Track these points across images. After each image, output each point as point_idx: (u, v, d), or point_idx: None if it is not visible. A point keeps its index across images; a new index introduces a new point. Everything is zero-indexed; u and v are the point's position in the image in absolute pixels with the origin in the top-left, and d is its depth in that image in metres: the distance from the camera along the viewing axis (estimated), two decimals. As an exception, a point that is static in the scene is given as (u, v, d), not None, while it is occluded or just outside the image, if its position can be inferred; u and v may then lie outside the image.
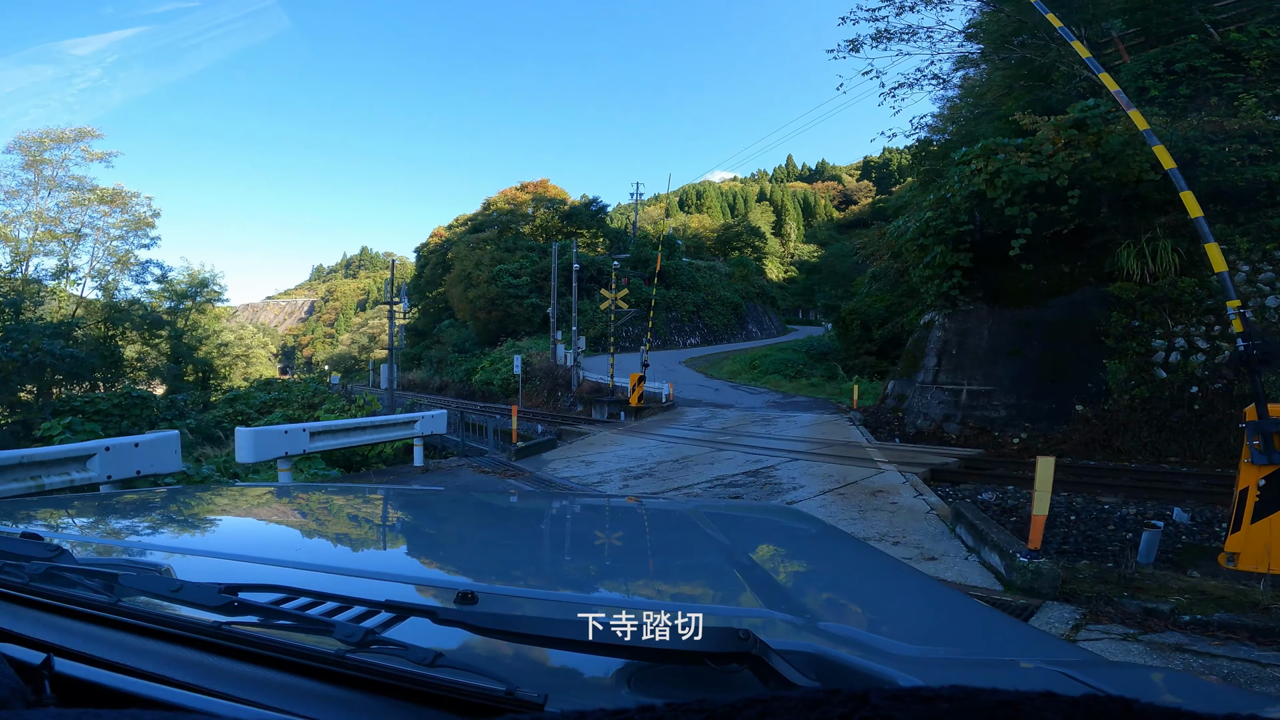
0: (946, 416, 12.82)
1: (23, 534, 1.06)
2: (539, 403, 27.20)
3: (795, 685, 0.61)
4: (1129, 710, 0.35)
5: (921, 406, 13.44)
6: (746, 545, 1.48)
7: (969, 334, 13.42)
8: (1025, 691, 0.37)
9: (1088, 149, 11.71)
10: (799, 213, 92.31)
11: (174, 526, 1.54)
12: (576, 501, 2.85)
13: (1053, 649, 1.12)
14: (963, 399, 12.79)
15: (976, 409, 12.52)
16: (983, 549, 4.64)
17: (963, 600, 1.25)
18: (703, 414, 16.19)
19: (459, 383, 40.84)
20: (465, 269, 47.46)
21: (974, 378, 12.85)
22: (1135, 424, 10.75)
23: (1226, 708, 0.43)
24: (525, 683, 0.61)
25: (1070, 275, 12.65)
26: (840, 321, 31.43)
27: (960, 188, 13.01)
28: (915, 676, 0.68)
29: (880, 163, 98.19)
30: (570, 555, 1.51)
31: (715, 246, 68.51)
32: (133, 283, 37.25)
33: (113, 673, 0.69)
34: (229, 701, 0.65)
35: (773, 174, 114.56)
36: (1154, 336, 11.31)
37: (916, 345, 15.10)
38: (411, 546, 1.55)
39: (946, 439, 12.39)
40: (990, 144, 13.00)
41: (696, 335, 47.18)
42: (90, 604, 0.80)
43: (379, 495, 2.18)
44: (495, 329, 44.41)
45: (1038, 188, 12.12)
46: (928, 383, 13.63)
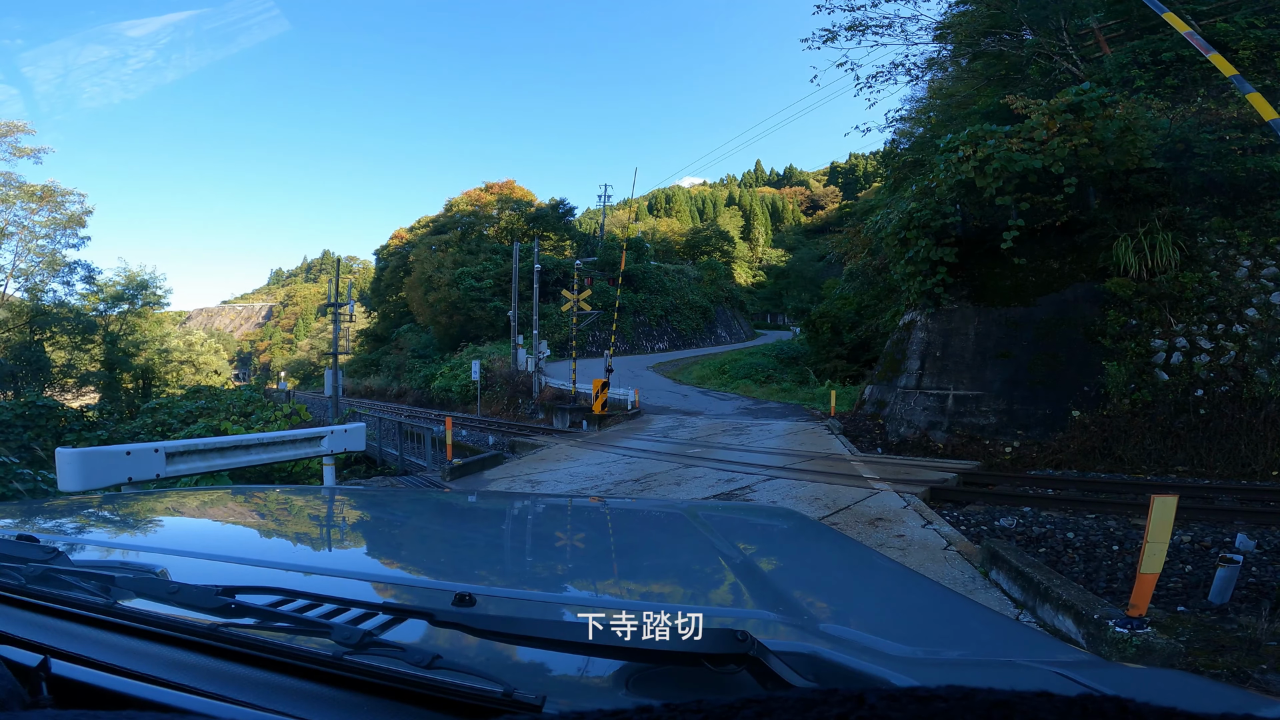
0: (932, 424, 11.85)
1: (19, 537, 1.07)
2: (498, 410, 25.74)
3: (793, 686, 0.61)
4: (1124, 710, 0.35)
5: (905, 413, 12.44)
6: (742, 545, 1.48)
7: (954, 335, 12.49)
8: (1021, 691, 0.37)
9: (1083, 134, 10.88)
10: (767, 217, 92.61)
11: (171, 529, 1.55)
12: (574, 503, 2.80)
13: (1049, 649, 1.08)
14: (949, 405, 11.83)
15: (964, 415, 11.57)
16: (1040, 605, 3.49)
17: (960, 601, 1.23)
18: (670, 422, 14.98)
19: (418, 389, 39.33)
20: (425, 272, 46.16)
21: (961, 382, 11.92)
22: (1137, 430, 9.89)
23: (1222, 707, 0.41)
24: (523, 684, 0.62)
25: (1060, 271, 11.82)
26: (810, 325, 30.86)
27: (947, 176, 12.08)
28: (912, 677, 0.68)
29: (847, 168, 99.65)
30: (567, 557, 1.49)
31: (684, 251, 67.88)
32: (60, 284, 34.97)
33: (110, 674, 0.69)
34: (226, 703, 0.64)
35: (741, 179, 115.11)
36: (1153, 336, 10.50)
37: (896, 347, 14.15)
38: (409, 549, 1.53)
39: (933, 448, 11.40)
40: (978, 130, 12.12)
41: (665, 340, 46.17)
42: (87, 606, 0.81)
43: (378, 498, 2.26)
44: (457, 334, 43.00)
45: (1030, 176, 11.26)
46: (910, 388, 12.65)
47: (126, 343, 37.60)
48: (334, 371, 21.55)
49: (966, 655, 0.92)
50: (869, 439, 12.34)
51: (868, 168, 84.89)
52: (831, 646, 0.73)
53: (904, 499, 6.43)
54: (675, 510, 2.00)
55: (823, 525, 1.84)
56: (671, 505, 2.22)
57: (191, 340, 52.40)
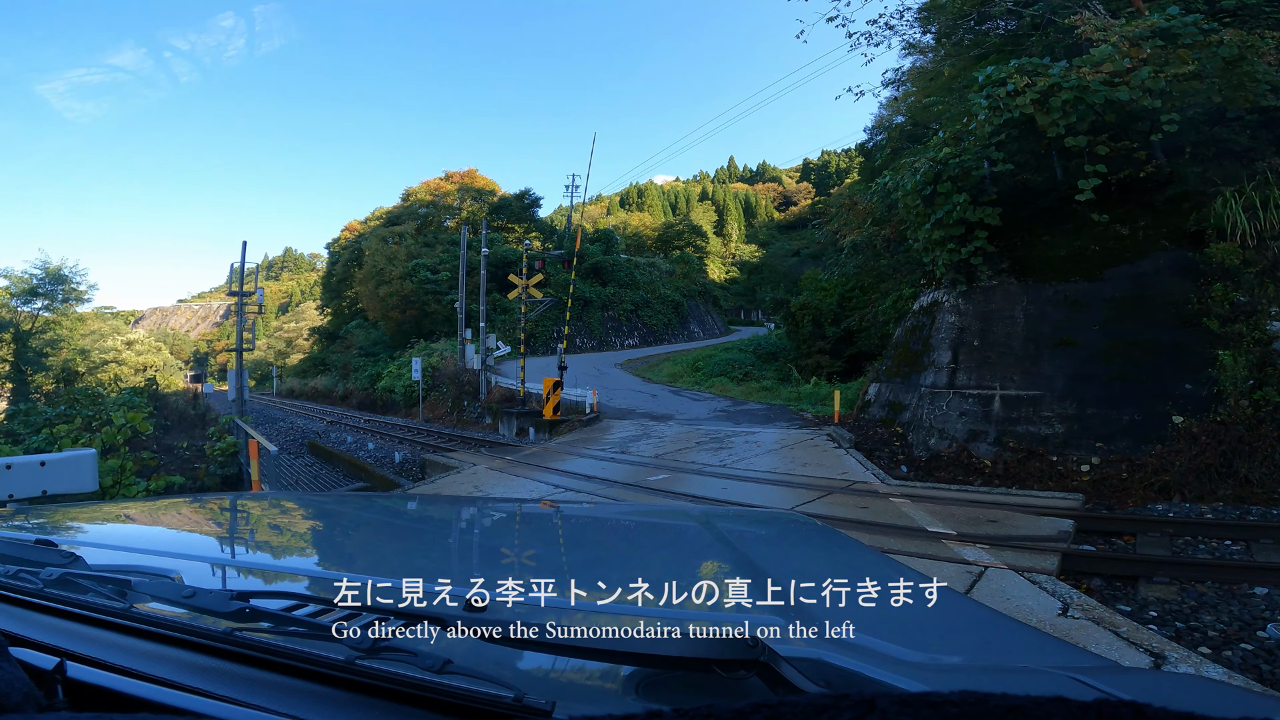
0: (974, 433, 9.10)
1: (36, 541, 1.06)
2: (441, 414, 22.49)
3: (803, 692, 0.60)
4: (1141, 715, 0.35)
5: (934, 419, 9.68)
6: (752, 551, 1.46)
7: (995, 318, 9.77)
8: (1035, 696, 0.36)
9: (1182, 63, 8.18)
10: (740, 213, 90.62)
11: (185, 533, 1.56)
12: (584, 509, 2.73)
13: (1064, 654, 1.03)
14: (996, 409, 9.10)
15: (1018, 422, 8.84)
16: None
17: (972, 605, 1.21)
18: (633, 430, 12.04)
19: (363, 390, 35.81)
20: (377, 264, 42.79)
21: (1009, 378, 9.19)
22: (1267, 443, 7.25)
23: (1240, 712, 0.40)
24: (533, 689, 0.61)
25: (1133, 238, 9.18)
26: (790, 318, 28.33)
27: (990, 116, 9.33)
28: (923, 683, 0.67)
29: (819, 165, 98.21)
30: (578, 562, 1.48)
31: (656, 245, 65.27)
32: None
33: (125, 677, 0.69)
34: (240, 707, 0.64)
35: (714, 175, 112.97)
36: (1270, 317, 7.90)
37: (913, 335, 11.41)
38: (420, 553, 1.53)
39: (978, 467, 8.64)
40: (1027, 63, 9.39)
41: (635, 336, 43.30)
42: (103, 610, 0.81)
43: (389, 503, 2.35)
44: (410, 330, 39.62)
45: (1107, 115, 8.57)
46: (940, 387, 9.89)
47: (40, 341, 33.77)
48: (238, 372, 18.03)
49: (979, 661, 0.90)
50: (887, 454, 9.54)
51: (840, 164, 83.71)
52: (842, 652, 0.72)
53: (1037, 585, 3.56)
54: (685, 516, 2.11)
55: (830, 528, 1.73)
56: (682, 510, 2.49)
57: (131, 339, 49.44)
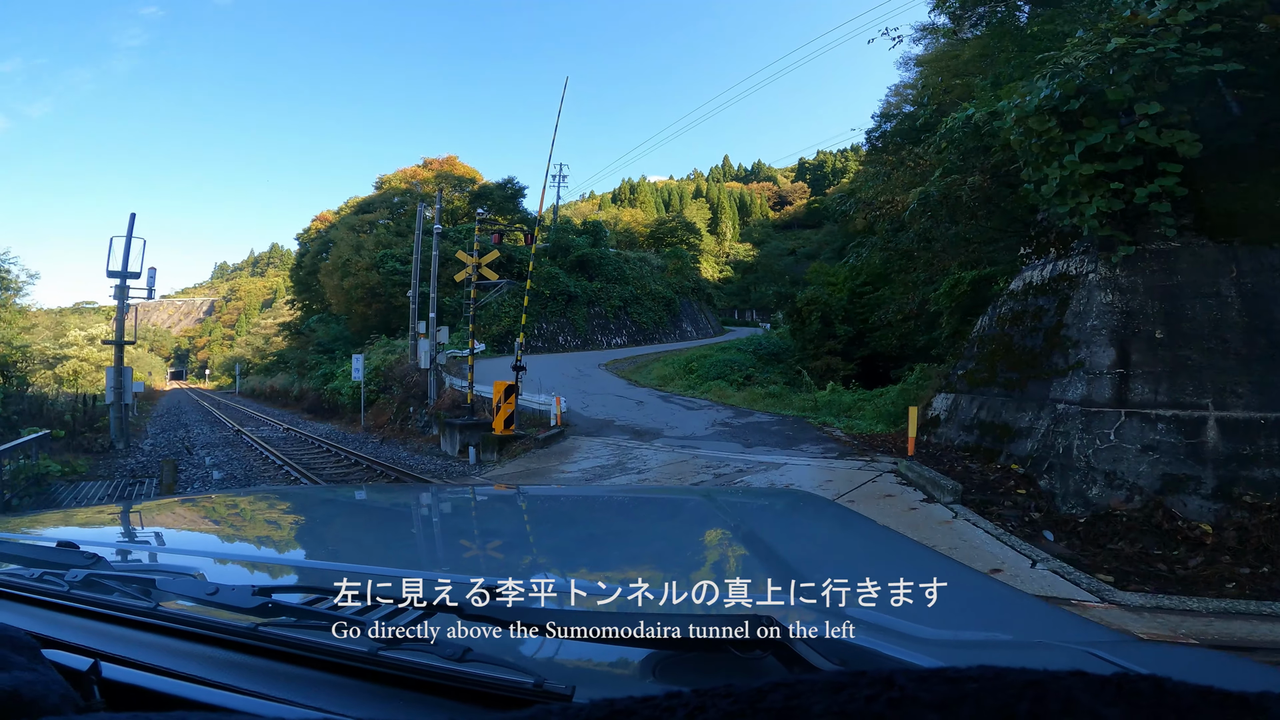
0: (1173, 480, 5.44)
1: (59, 543, 1.06)
2: (385, 421, 18.71)
3: (820, 670, 0.60)
4: (1160, 688, 0.35)
5: (1092, 455, 6.00)
6: (765, 531, 1.47)
7: (1187, 296, 6.14)
8: (1054, 671, 0.36)
9: None
10: (735, 211, 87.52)
11: (204, 531, 1.59)
12: (595, 494, 2.80)
13: (1081, 629, 1.04)
14: (1209, 439, 5.46)
15: (1254, 464, 5.22)
16: None
17: (988, 581, 1.21)
18: (607, 454, 8.44)
19: (315, 391, 32.07)
20: (343, 255, 39.10)
21: (1230, 391, 5.57)
22: None
23: (1260, 685, 0.40)
24: (552, 674, 0.62)
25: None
26: (796, 314, 24.93)
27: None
28: (940, 659, 0.67)
29: (815, 164, 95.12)
30: (593, 547, 1.48)
31: (648, 242, 61.87)
32: None
33: (156, 675, 0.69)
34: (268, 701, 0.65)
35: (709, 173, 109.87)
36: None
37: (1019, 324, 7.80)
38: (437, 543, 1.54)
39: (1189, 535, 5.01)
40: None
41: (623, 334, 39.71)
42: (130, 609, 0.81)
43: (403, 495, 2.40)
44: (376, 325, 35.89)
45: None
46: (1100, 403, 6.21)
47: (-28, 335, 30.05)
48: (116, 370, 14.21)
49: (996, 637, 0.90)
50: (1008, 508, 5.88)
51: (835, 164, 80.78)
52: (858, 629, 0.72)
53: None
54: (694, 497, 2.11)
55: (845, 508, 1.78)
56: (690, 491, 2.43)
57: (95, 334, 46.23)
